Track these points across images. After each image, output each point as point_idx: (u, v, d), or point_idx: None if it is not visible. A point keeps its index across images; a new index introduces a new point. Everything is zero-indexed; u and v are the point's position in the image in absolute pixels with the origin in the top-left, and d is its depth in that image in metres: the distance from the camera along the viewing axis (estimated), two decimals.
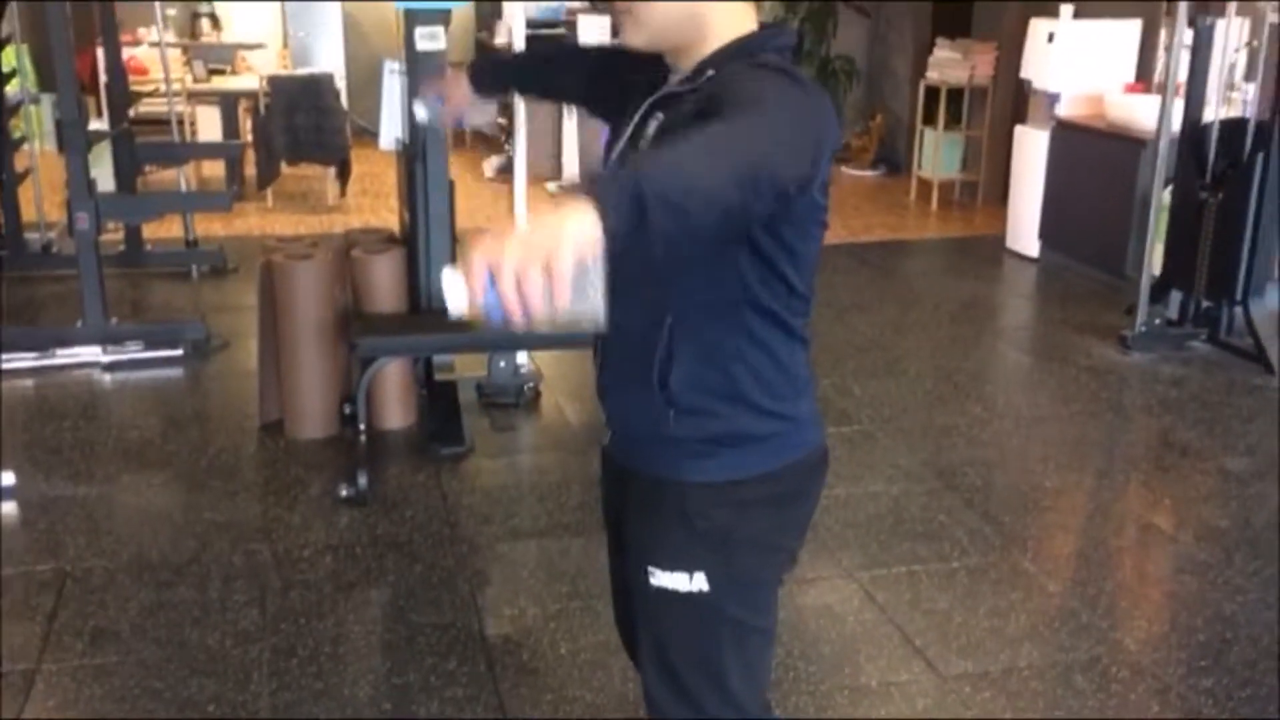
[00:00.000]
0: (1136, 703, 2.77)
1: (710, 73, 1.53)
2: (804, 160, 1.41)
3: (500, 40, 9.47)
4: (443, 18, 3.97)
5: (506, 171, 8.11)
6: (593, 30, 8.76)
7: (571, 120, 8.51)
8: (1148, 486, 4.00)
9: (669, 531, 1.67)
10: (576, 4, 9.80)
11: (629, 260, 1.63)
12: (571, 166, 8.50)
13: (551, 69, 2.07)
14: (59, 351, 4.81)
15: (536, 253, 1.13)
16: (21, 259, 6.02)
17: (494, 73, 2.12)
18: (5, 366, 4.73)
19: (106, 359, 4.81)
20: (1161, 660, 2.96)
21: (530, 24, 7.94)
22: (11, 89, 6.11)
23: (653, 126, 1.58)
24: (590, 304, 1.18)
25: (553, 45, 2.08)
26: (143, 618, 3.02)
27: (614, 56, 1.76)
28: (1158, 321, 5.34)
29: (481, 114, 2.12)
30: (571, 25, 8.99)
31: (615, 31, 1.67)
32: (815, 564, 3.33)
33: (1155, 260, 5.41)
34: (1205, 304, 5.37)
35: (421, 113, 1.99)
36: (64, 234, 5.84)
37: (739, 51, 1.56)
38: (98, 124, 6.12)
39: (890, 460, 4.10)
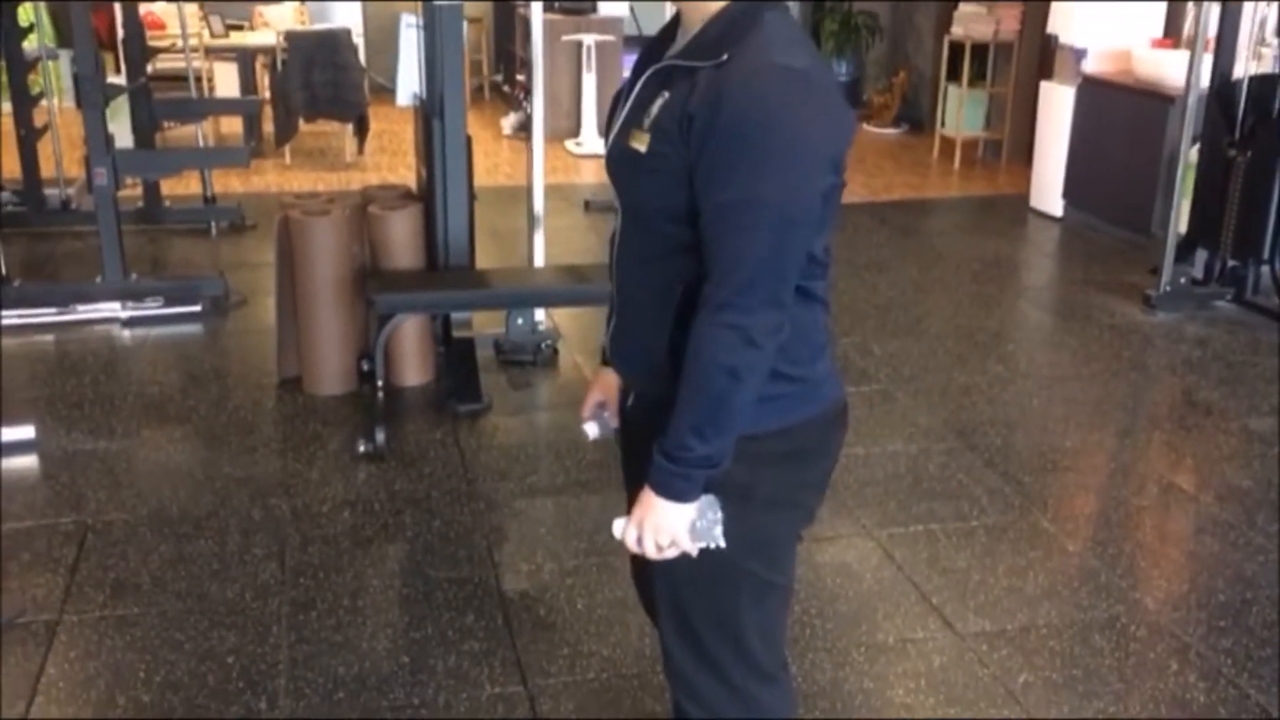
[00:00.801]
0: (1155, 661, 2.76)
1: (724, 58, 1.48)
2: (809, 207, 1.50)
3: None
4: None
5: (524, 129, 8.06)
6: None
7: (590, 76, 8.44)
8: (1170, 446, 3.97)
9: None
10: None
11: (642, 227, 1.62)
12: (590, 124, 8.43)
13: None
14: (79, 307, 4.83)
15: (664, 548, 1.61)
16: (41, 214, 6.04)
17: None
18: (25, 321, 4.75)
19: (126, 314, 4.82)
20: (1181, 620, 2.94)
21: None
22: (29, 44, 6.09)
23: (657, 105, 1.53)
24: (708, 535, 1.60)
25: None
26: (163, 570, 3.04)
27: None
28: (1183, 281, 5.28)
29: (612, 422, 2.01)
30: None
31: None
32: (834, 522, 3.33)
33: (1181, 219, 5.34)
34: (1231, 263, 5.31)
35: (594, 432, 1.92)
36: (83, 190, 5.86)
37: (743, 18, 1.50)
38: (116, 79, 6.10)
39: (910, 419, 4.08)
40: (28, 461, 3.65)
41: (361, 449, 3.70)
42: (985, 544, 3.27)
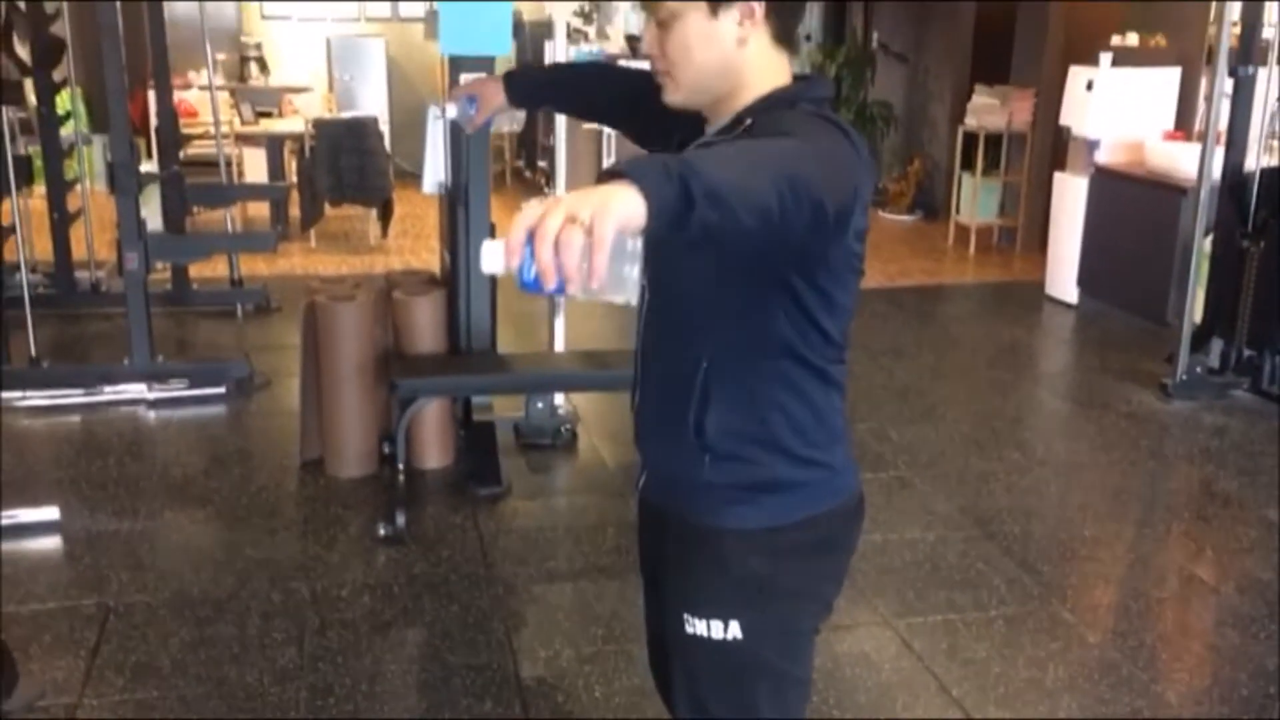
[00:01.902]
0: None
1: (749, 121, 1.55)
2: (842, 189, 1.41)
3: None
4: (486, 64, 4.05)
5: None
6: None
7: (610, 160, 8.59)
8: (1189, 537, 3.96)
9: (705, 578, 1.68)
10: (615, 52, 9.92)
11: (670, 302, 1.67)
12: None
13: (590, 88, 2.04)
14: (106, 388, 4.90)
15: (578, 218, 1.12)
16: (71, 296, 6.15)
17: (532, 87, 2.11)
18: (53, 402, 4.82)
19: (152, 396, 4.89)
20: (1203, 715, 2.91)
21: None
22: (66, 130, 6.27)
23: None
24: (625, 281, 1.18)
25: (591, 65, 2.07)
26: (183, 654, 3.06)
27: (653, 82, 1.74)
28: (1199, 370, 5.30)
29: (510, 120, 2.15)
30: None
31: (657, 89, 1.68)
32: (852, 611, 3.32)
33: (1196, 308, 5.37)
34: (1247, 352, 5.32)
35: (453, 111, 2.00)
36: (113, 272, 5.98)
37: (777, 102, 1.58)
38: (148, 165, 6.26)
39: (927, 507, 4.08)
40: (51, 542, 3.69)
41: (382, 532, 3.72)
42: (1005, 634, 3.26)
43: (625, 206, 1.15)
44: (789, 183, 1.30)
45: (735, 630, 1.65)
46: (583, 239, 1.12)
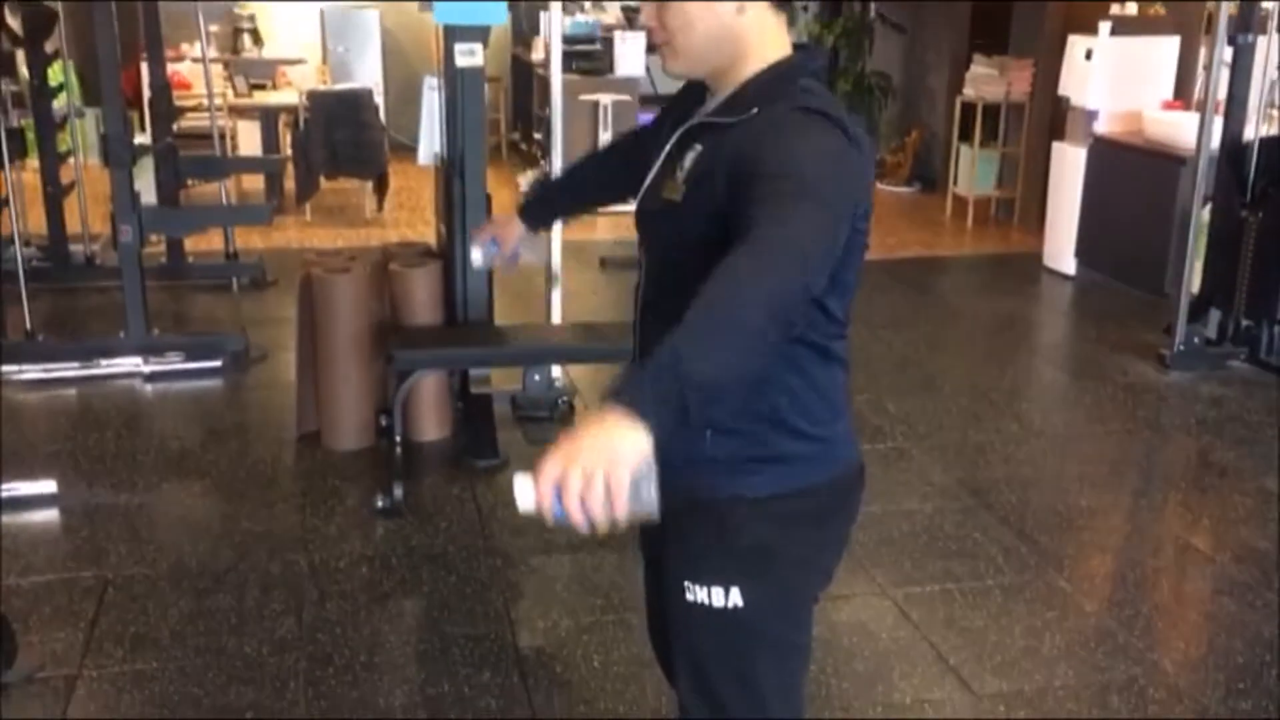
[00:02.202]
0: None
1: (754, 111, 1.53)
2: (832, 243, 1.46)
3: (537, 56, 9.53)
4: (481, 34, 4.02)
5: None
6: (628, 48, 8.81)
7: (607, 135, 8.55)
8: (1186, 506, 3.96)
9: (706, 546, 1.68)
10: (610, 19, 9.88)
11: (668, 279, 1.66)
12: None
13: (589, 179, 2.12)
14: (102, 361, 4.89)
15: (595, 474, 1.24)
16: (65, 270, 6.13)
17: (543, 206, 2.19)
18: (49, 376, 4.81)
19: (148, 369, 4.88)
20: (1199, 682, 2.93)
21: (566, 39, 8.01)
22: (58, 103, 6.22)
23: (690, 158, 1.59)
24: (645, 503, 1.30)
25: (588, 157, 2.11)
26: (182, 625, 3.06)
27: (635, 137, 1.77)
28: (1196, 340, 5.29)
29: (533, 250, 2.14)
30: (607, 42, 9.06)
31: (651, 48, 1.68)
32: (849, 581, 3.33)
33: (1194, 278, 5.37)
34: (1245, 323, 5.32)
35: (478, 257, 2.00)
36: (107, 246, 5.94)
37: (778, 81, 1.56)
38: (141, 138, 6.21)
39: (925, 477, 4.09)
40: (49, 515, 3.69)
41: (379, 504, 3.73)
42: (1001, 604, 3.27)
43: (633, 450, 1.26)
44: (774, 310, 1.37)
45: (736, 597, 1.65)
46: (602, 489, 1.25)
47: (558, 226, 4.67)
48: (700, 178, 1.55)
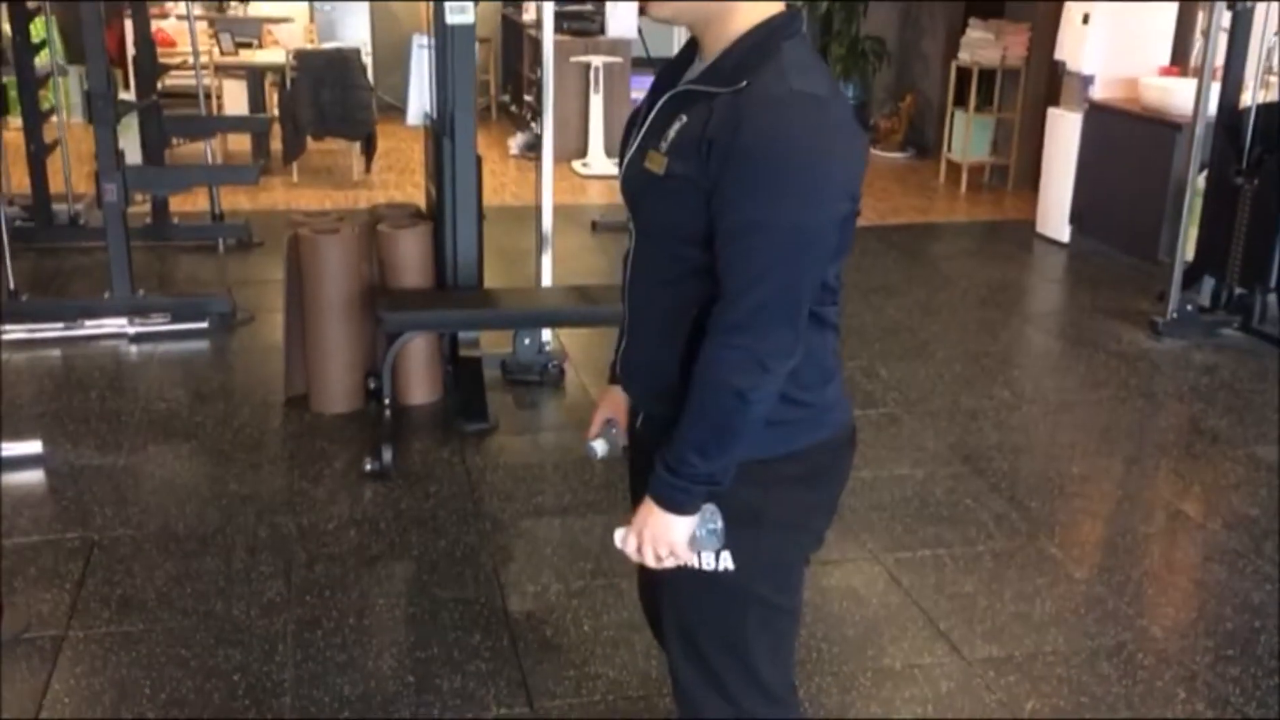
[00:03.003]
0: (1163, 689, 2.75)
1: (743, 84, 1.49)
2: (831, 223, 1.51)
3: (528, 17, 9.42)
4: None
5: (532, 149, 8.09)
6: (620, 9, 8.71)
7: (598, 98, 8.47)
8: (1177, 473, 3.96)
9: None
10: None
11: (656, 249, 1.63)
12: (597, 145, 8.47)
13: None
14: (86, 322, 4.83)
15: (664, 555, 1.63)
16: (49, 230, 6.06)
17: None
18: (33, 336, 4.76)
19: (133, 330, 4.83)
20: (1188, 648, 2.93)
21: (560, 14, 7.93)
22: (40, 61, 6.12)
23: (674, 129, 1.54)
24: (710, 541, 1.61)
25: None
26: (169, 587, 3.04)
27: None
28: (1190, 308, 5.28)
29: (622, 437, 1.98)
30: (599, 3, 8.95)
31: (642, 10, 1.64)
32: (840, 546, 3.32)
33: (1188, 246, 5.35)
34: (1238, 291, 5.31)
35: (602, 449, 1.87)
36: (92, 206, 5.88)
37: (764, 43, 1.51)
38: (125, 96, 6.13)
39: (916, 443, 4.08)
40: (34, 476, 3.65)
41: (368, 467, 3.70)
42: (992, 569, 3.26)
43: (683, 533, 1.60)
44: (767, 371, 1.50)
45: (726, 561, 1.64)
46: (670, 558, 1.63)
47: (548, 184, 4.62)
48: (683, 151, 1.51)
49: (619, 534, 1.67)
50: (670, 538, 1.59)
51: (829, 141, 1.49)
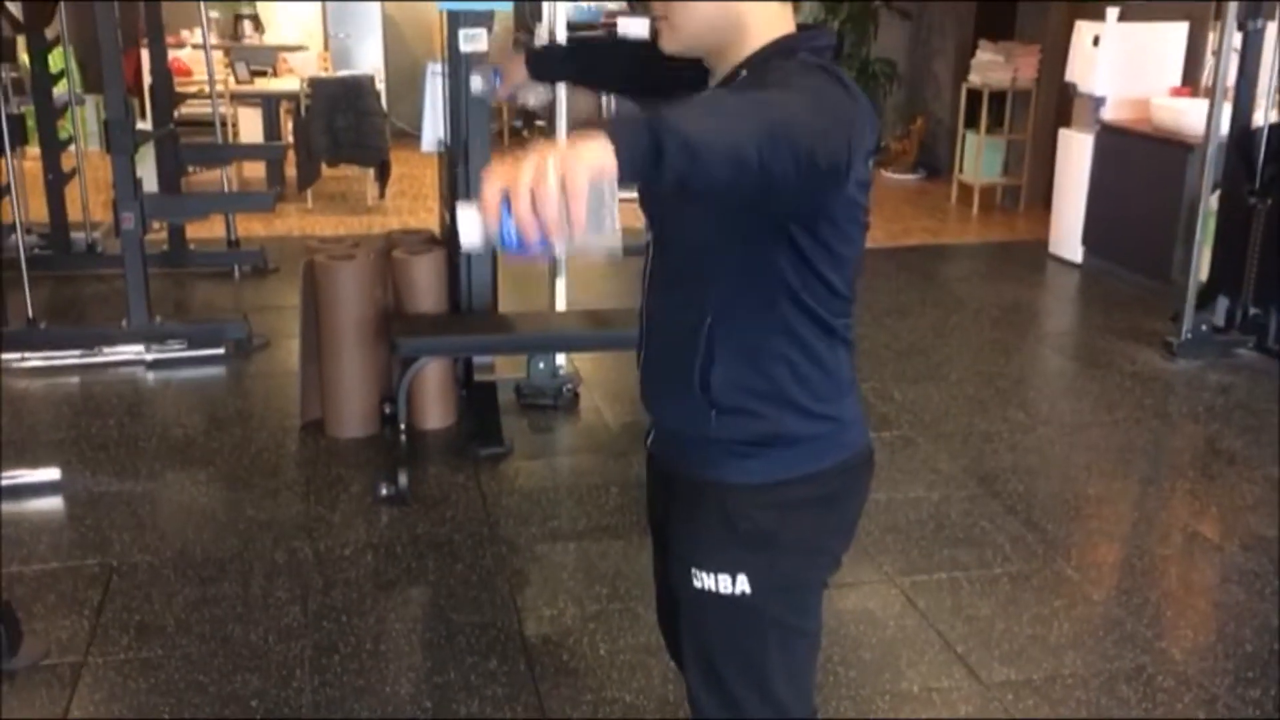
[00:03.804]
0: (1182, 712, 2.74)
1: (744, 73, 1.53)
2: (834, 141, 1.38)
3: (540, 41, 9.49)
4: (485, 19, 3.98)
5: None
6: (630, 33, 8.76)
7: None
8: (1193, 495, 3.95)
9: (711, 533, 1.67)
10: (614, 6, 9.81)
11: (673, 259, 1.64)
12: None
13: (602, 59, 2.15)
14: (104, 349, 4.87)
15: (547, 170, 1.13)
16: (67, 258, 6.11)
17: (551, 61, 2.21)
18: (52, 364, 4.79)
19: (150, 357, 4.87)
20: (1208, 670, 2.91)
21: (569, 25, 7.97)
22: (58, 90, 6.19)
23: None
24: (607, 230, 1.17)
25: (605, 39, 2.16)
26: (187, 613, 3.05)
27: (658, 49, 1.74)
28: (1204, 328, 5.27)
29: (535, 95, 2.16)
30: (610, 27, 9.00)
31: (654, 35, 1.66)
32: (856, 569, 3.31)
33: (1202, 266, 5.34)
34: (1253, 311, 5.29)
35: (478, 84, 2.02)
36: (109, 233, 5.93)
37: (777, 52, 1.55)
38: (142, 125, 6.19)
39: (931, 465, 4.07)
40: (53, 503, 3.68)
41: (384, 492, 3.71)
42: (1009, 592, 3.25)
43: (595, 156, 1.16)
44: (769, 132, 1.30)
45: (744, 584, 1.64)
46: (558, 191, 1.12)
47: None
48: None
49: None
50: (577, 155, 1.15)
51: (843, 86, 1.48)
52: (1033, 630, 3.06)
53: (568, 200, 1.13)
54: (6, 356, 4.74)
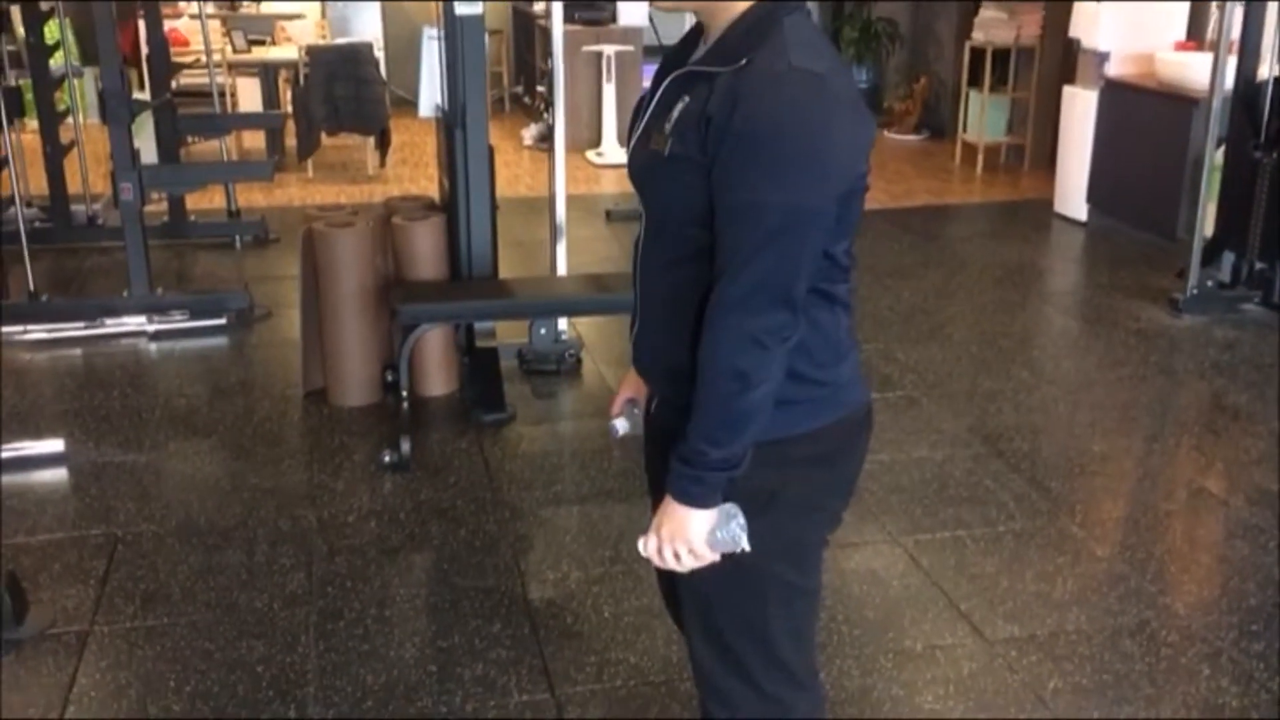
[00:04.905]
0: (1186, 666, 2.74)
1: (743, 62, 1.48)
2: (828, 202, 1.49)
3: (538, 7, 9.41)
4: None
5: (545, 140, 8.08)
6: (630, 4, 8.68)
7: (610, 87, 8.46)
8: (1199, 450, 3.94)
9: None
10: None
11: (663, 231, 1.63)
12: (610, 135, 8.46)
13: None
14: (106, 321, 4.87)
15: (682, 556, 1.60)
16: (67, 230, 6.10)
17: None
18: (54, 336, 4.79)
19: (152, 328, 4.86)
20: (1212, 624, 2.91)
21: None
22: (55, 62, 6.16)
23: (677, 109, 1.53)
24: (730, 541, 1.58)
25: None
26: (192, 581, 3.06)
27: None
28: (1210, 284, 5.24)
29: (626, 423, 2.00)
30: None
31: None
32: (860, 529, 3.31)
33: (1207, 222, 5.30)
34: (1259, 266, 5.26)
35: (624, 427, 1.90)
36: (109, 205, 5.92)
37: (765, 20, 1.51)
38: (140, 96, 6.16)
39: (935, 425, 4.06)
40: (57, 475, 3.68)
41: (387, 459, 3.71)
42: (1013, 550, 3.25)
43: (701, 528, 1.58)
44: (764, 348, 1.49)
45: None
46: (689, 559, 1.61)
47: (561, 174, 4.61)
48: (685, 131, 1.51)
49: (641, 541, 1.64)
50: (688, 534, 1.57)
51: (827, 119, 1.47)
52: (1037, 587, 3.06)
53: (698, 560, 1.61)
54: (8, 329, 4.74)
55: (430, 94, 4.31)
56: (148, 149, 5.73)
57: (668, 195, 1.59)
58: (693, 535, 1.56)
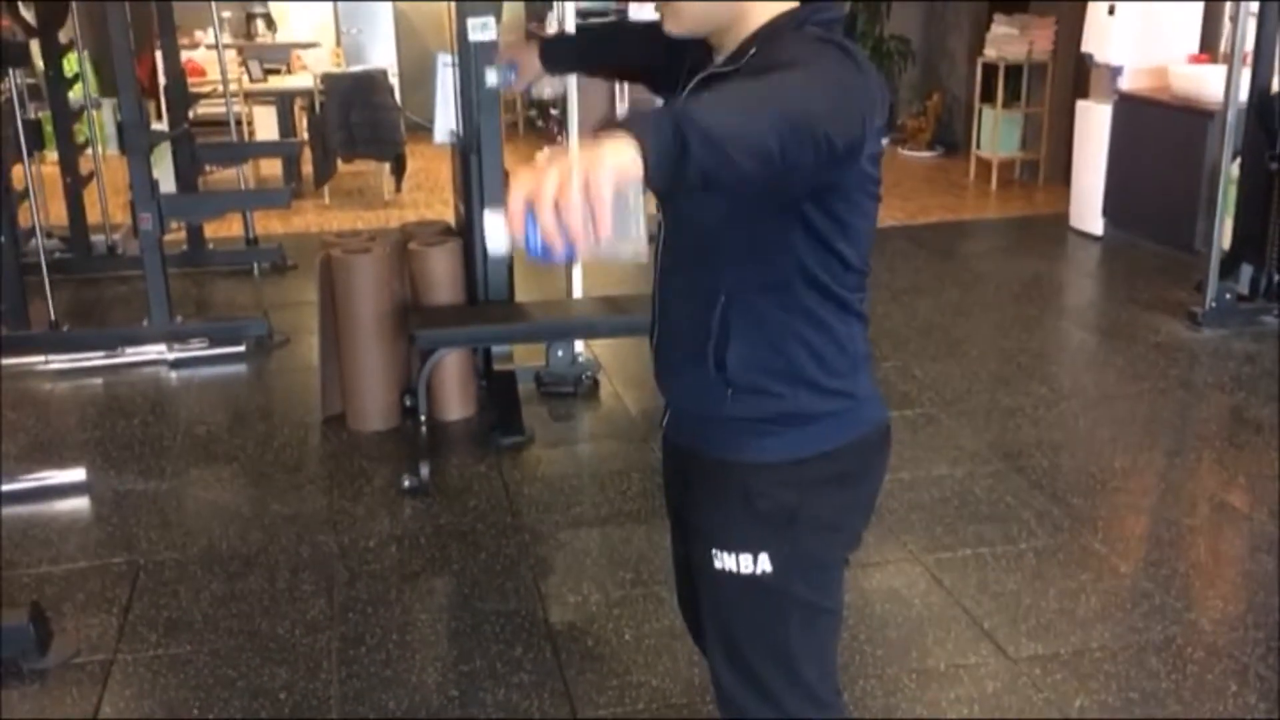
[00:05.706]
0: (1213, 683, 2.71)
1: (753, 50, 1.51)
2: (850, 121, 1.38)
3: (551, 30, 9.47)
4: (494, 8, 3.98)
5: None
6: (643, 18, 8.74)
7: (624, 108, 8.50)
8: (1221, 464, 3.91)
9: (731, 513, 1.66)
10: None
11: (684, 236, 1.64)
12: None
13: (610, 45, 2.13)
14: (126, 350, 4.90)
15: (575, 179, 1.12)
16: (87, 260, 6.15)
17: (563, 52, 2.20)
18: (75, 366, 4.83)
19: (172, 356, 4.90)
20: (1238, 640, 2.89)
21: (579, 13, 7.94)
22: (74, 94, 6.23)
23: None
24: (632, 236, 1.17)
25: (612, 23, 2.14)
26: (215, 608, 3.07)
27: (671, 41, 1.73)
28: (1228, 297, 5.21)
29: (550, 87, 2.15)
30: (622, 14, 8.97)
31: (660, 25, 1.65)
32: (880, 547, 3.30)
33: (1225, 234, 5.28)
34: (1277, 278, 5.23)
35: (493, 78, 2.00)
36: (128, 235, 5.96)
37: (783, 27, 1.53)
38: (158, 126, 6.22)
39: (954, 442, 4.05)
40: (80, 503, 3.71)
41: (406, 484, 3.72)
42: (1035, 567, 3.23)
43: (619, 159, 1.15)
44: (789, 122, 1.29)
45: (764, 563, 1.63)
46: (581, 199, 1.12)
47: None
48: None
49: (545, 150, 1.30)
50: (601, 157, 1.15)
51: (856, 52, 1.48)
52: (1060, 604, 3.04)
53: (592, 208, 1.12)
54: (30, 359, 4.78)
55: (445, 119, 4.33)
56: (166, 179, 5.79)
57: (688, 200, 1.59)
58: (603, 156, 1.15)
